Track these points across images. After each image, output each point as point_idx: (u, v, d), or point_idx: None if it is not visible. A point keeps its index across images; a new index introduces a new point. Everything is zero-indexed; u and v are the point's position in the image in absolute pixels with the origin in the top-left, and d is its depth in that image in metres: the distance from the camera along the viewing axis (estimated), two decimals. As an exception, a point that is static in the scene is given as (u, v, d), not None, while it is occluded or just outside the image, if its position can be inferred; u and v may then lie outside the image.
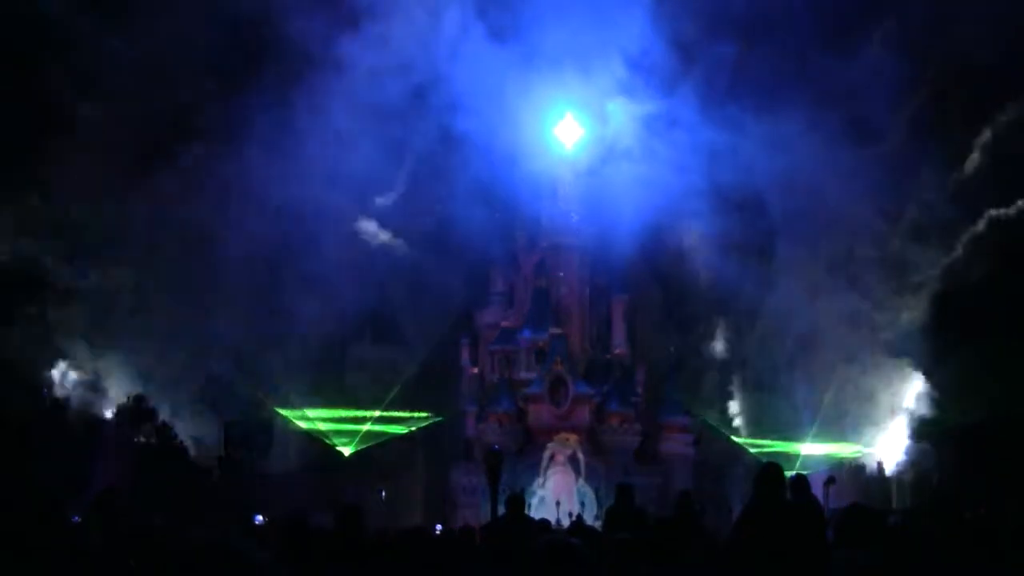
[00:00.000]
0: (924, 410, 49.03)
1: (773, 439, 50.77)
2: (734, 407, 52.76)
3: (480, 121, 52.10)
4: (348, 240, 53.78)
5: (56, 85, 44.38)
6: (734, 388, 53.04)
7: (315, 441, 52.25)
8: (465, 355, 55.76)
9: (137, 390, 47.71)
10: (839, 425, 51.34)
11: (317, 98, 50.76)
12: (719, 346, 54.05)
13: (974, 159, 50.40)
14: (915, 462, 49.78)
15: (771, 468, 6.98)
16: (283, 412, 50.46)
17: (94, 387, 46.11)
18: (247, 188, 50.35)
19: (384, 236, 55.13)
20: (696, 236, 53.75)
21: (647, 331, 54.72)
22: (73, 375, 45.51)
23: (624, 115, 53.92)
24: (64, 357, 44.97)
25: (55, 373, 45.15)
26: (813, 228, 53.10)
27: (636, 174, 52.17)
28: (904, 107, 51.93)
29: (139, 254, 48.06)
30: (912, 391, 49.58)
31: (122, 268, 47.10)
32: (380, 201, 54.76)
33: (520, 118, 54.68)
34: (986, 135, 50.43)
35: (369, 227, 54.24)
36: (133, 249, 47.76)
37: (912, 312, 50.70)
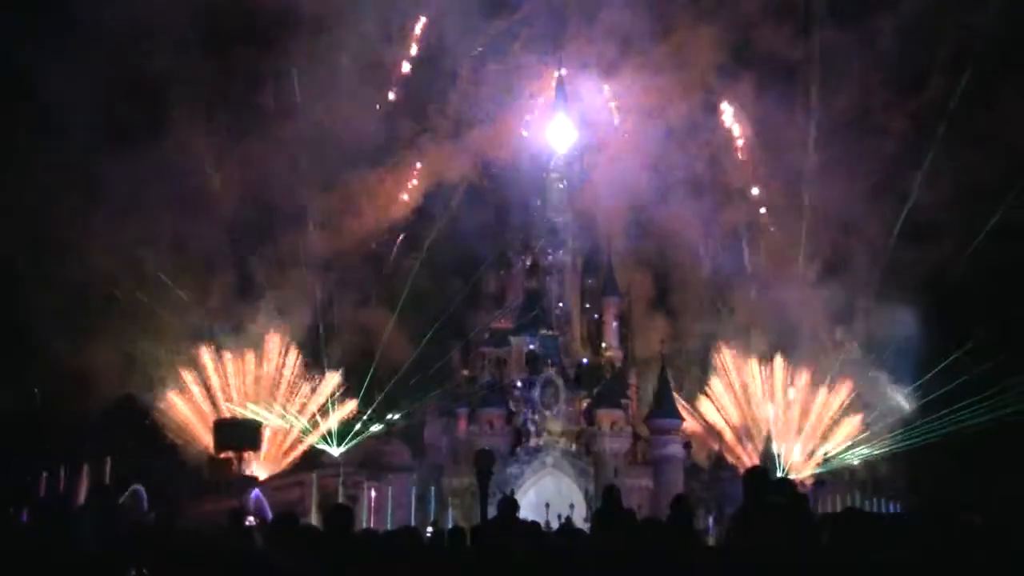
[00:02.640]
0: (913, 414, 49.11)
1: (763, 442, 50.84)
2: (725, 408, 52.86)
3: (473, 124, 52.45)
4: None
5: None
6: (723, 389, 53.12)
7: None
8: (456, 357, 55.81)
9: (127, 388, 47.57)
10: (828, 428, 51.49)
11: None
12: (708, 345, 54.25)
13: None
14: (906, 466, 49.94)
15: (756, 472, 7.01)
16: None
17: (83, 385, 45.85)
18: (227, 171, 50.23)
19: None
20: (684, 228, 54.12)
21: (638, 332, 54.80)
22: (61, 372, 45.21)
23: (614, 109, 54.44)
24: (52, 354, 44.66)
25: (43, 370, 44.86)
26: (803, 225, 53.30)
27: (624, 171, 52.45)
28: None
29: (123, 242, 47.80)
30: (900, 395, 49.72)
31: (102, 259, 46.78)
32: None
33: (512, 119, 55.04)
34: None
35: None
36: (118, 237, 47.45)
37: (904, 315, 50.86)
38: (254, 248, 51.45)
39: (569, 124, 56.33)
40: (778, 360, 51.01)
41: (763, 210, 55.21)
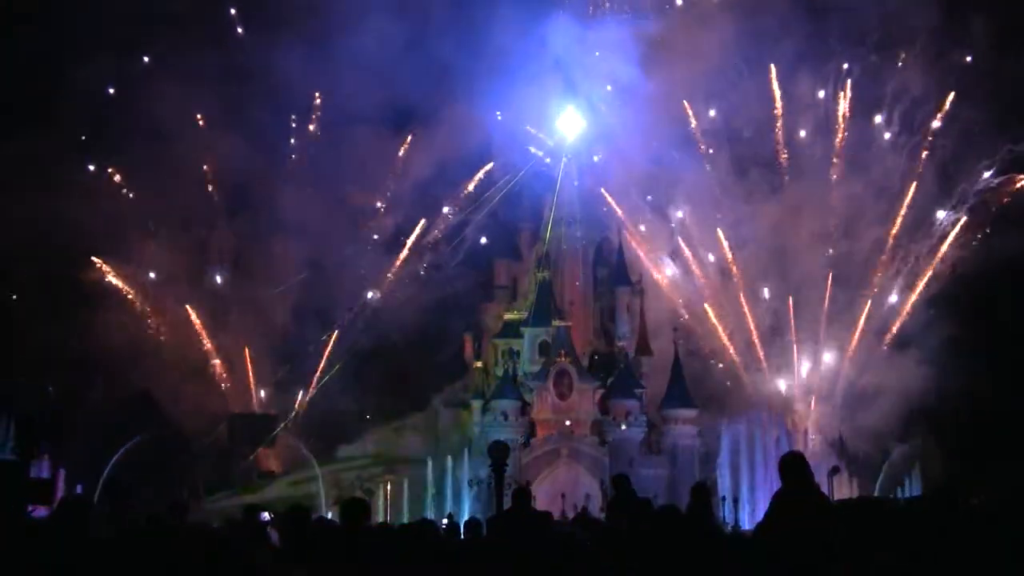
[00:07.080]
0: (926, 399, 48.83)
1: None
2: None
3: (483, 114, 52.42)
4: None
5: None
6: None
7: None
8: (469, 348, 55.75)
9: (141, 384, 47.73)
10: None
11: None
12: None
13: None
14: (916, 449, 49.74)
15: (796, 458, 6.89)
16: None
17: (95, 380, 46.01)
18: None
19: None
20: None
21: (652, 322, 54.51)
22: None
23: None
24: (63, 348, 44.75)
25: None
26: (819, 211, 53.06)
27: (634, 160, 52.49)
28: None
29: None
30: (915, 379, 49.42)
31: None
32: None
33: (523, 110, 54.89)
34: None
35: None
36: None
37: (917, 302, 50.65)
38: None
39: (579, 115, 56.06)
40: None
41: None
